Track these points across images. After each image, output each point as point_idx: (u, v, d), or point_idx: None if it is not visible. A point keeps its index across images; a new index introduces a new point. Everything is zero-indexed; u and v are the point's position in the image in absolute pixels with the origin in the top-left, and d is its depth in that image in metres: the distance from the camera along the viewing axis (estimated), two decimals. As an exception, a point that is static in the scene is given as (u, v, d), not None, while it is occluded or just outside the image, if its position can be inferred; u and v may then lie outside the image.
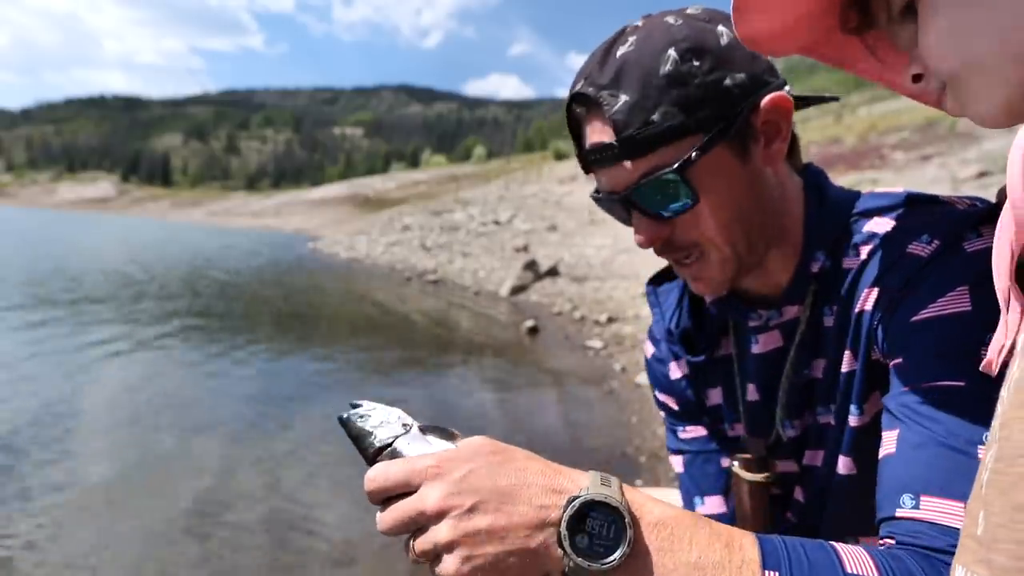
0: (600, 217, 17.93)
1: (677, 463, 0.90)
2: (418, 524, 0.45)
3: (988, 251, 0.51)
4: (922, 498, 0.48)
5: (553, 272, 9.72)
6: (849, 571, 0.43)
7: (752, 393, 0.79)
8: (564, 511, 0.43)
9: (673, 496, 1.05)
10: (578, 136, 0.67)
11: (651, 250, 0.76)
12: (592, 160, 0.65)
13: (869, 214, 0.66)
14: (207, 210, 77.27)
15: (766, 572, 0.42)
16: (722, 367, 0.81)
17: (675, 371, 0.86)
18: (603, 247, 12.15)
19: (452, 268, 12.22)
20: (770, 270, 0.71)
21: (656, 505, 0.46)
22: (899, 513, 0.49)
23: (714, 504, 0.84)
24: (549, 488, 0.44)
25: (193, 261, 15.22)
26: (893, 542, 0.49)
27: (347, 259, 16.67)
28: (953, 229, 0.57)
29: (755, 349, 0.75)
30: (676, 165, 0.60)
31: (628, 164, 0.62)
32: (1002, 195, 0.52)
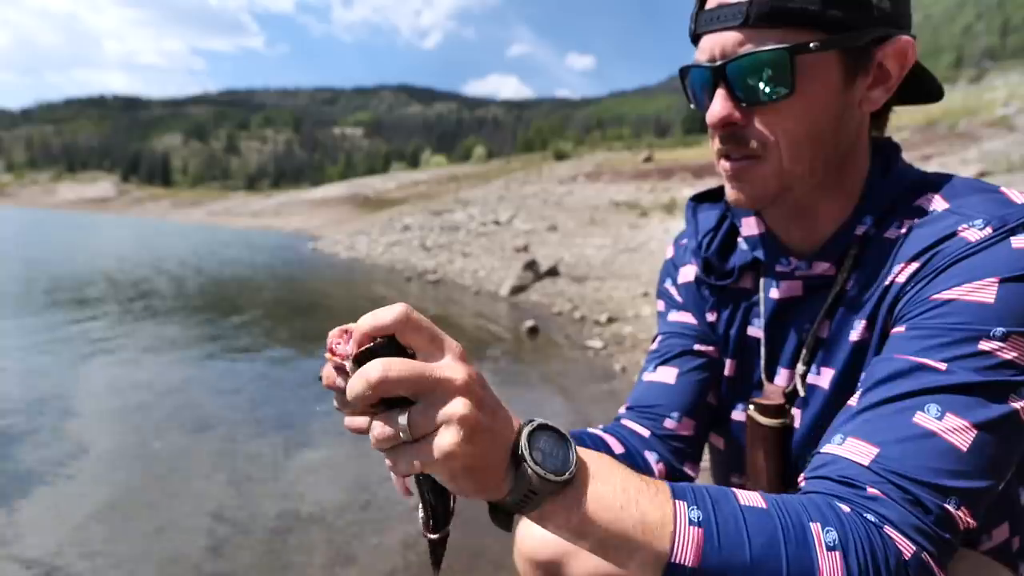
0: (600, 217, 17.91)
1: (655, 342, 0.92)
2: (433, 391, 0.43)
3: None
4: (848, 438, 0.52)
5: (553, 272, 9.71)
6: (743, 503, 0.48)
7: (754, 333, 0.79)
8: (523, 429, 0.47)
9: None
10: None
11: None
12: (712, 18, 0.63)
13: (925, 190, 0.65)
14: (207, 210, 77.22)
15: (676, 501, 0.47)
16: (734, 297, 0.82)
17: (686, 276, 0.89)
18: (603, 247, 12.13)
19: (452, 268, 12.21)
20: (818, 220, 0.70)
21: (587, 449, 0.51)
22: (824, 448, 0.54)
23: (664, 373, 0.86)
24: (509, 418, 0.48)
25: (193, 261, 15.22)
26: (802, 477, 0.55)
27: (347, 259, 16.67)
28: (1008, 221, 0.57)
29: (773, 294, 0.75)
30: (790, 46, 0.59)
31: (742, 33, 0.60)
32: None
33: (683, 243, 0.91)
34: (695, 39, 0.67)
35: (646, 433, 0.82)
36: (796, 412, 0.73)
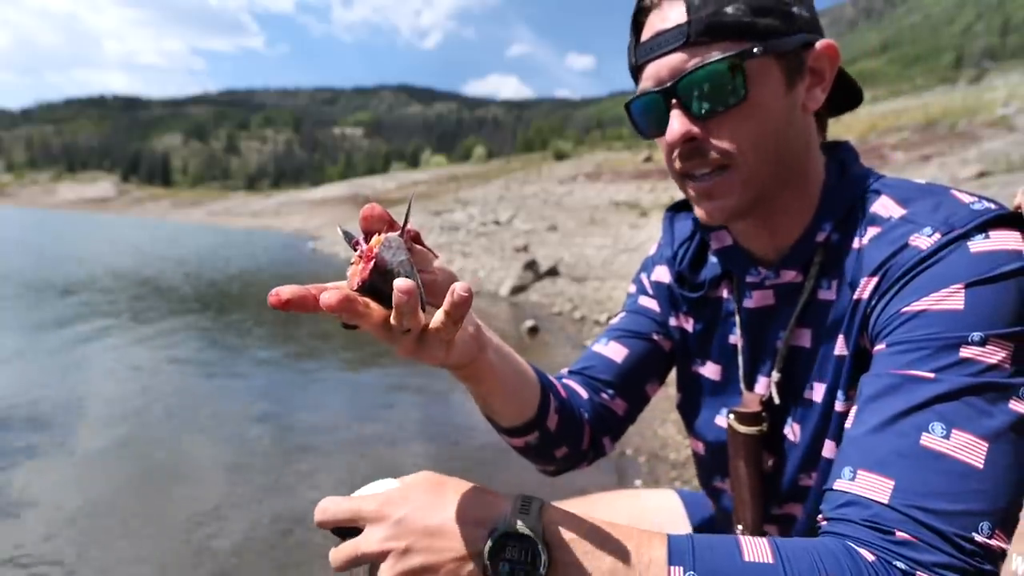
0: (600, 217, 17.93)
1: (617, 317, 0.93)
2: (364, 563, 0.51)
3: (992, 254, 0.55)
4: (859, 472, 0.51)
5: (553, 272, 9.72)
6: (747, 559, 0.46)
7: (734, 341, 0.80)
8: (486, 544, 0.47)
9: (672, 497, 1.06)
10: (639, 29, 0.68)
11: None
12: (653, 46, 0.65)
13: (881, 194, 0.67)
14: (207, 210, 77.34)
15: (671, 568, 0.46)
16: (711, 306, 0.83)
17: (660, 276, 0.89)
18: (603, 247, 12.15)
19: (452, 268, 12.19)
20: (781, 228, 0.72)
21: (572, 523, 0.49)
22: (836, 485, 0.52)
23: (614, 350, 0.87)
24: (473, 521, 0.49)
25: (193, 261, 15.22)
26: (821, 517, 0.53)
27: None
28: (959, 226, 0.57)
29: (747, 303, 0.77)
30: (736, 52, 0.61)
31: (686, 52, 0.63)
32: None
33: (661, 247, 0.93)
34: (637, 71, 0.69)
35: (584, 394, 0.85)
36: (795, 425, 0.73)
